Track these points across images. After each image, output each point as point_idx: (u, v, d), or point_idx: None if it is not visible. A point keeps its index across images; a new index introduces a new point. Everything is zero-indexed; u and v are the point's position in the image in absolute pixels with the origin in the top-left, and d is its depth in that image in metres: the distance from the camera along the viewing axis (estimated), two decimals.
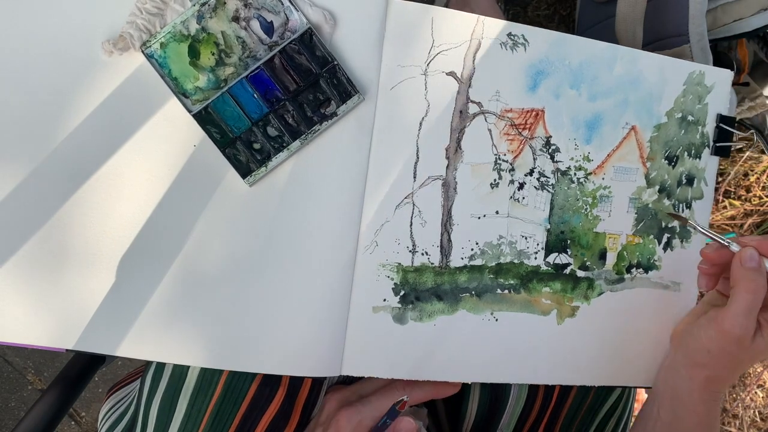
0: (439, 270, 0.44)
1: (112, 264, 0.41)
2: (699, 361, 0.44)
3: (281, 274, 0.42)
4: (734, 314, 0.41)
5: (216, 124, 0.40)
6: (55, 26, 0.39)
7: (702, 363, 0.44)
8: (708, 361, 0.43)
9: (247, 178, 0.41)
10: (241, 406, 0.44)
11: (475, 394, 0.52)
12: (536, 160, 0.46)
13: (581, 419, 0.54)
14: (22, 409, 1.09)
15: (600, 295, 0.48)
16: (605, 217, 0.47)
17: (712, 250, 0.43)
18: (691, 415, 0.45)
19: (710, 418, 0.45)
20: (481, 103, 0.44)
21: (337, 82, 0.41)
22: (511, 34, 0.44)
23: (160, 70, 0.39)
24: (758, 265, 0.41)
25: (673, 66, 0.48)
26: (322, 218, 0.42)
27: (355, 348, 0.43)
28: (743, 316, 0.40)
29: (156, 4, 0.38)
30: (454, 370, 0.45)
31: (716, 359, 0.43)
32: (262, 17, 0.40)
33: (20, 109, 0.39)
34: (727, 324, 0.41)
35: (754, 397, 1.13)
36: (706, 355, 0.43)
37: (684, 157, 0.49)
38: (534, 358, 0.47)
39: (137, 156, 0.40)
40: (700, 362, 0.44)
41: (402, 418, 0.38)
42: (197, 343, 0.42)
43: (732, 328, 0.41)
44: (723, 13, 0.61)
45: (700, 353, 0.43)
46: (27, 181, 0.40)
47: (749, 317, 0.40)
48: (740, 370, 0.44)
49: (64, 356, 1.03)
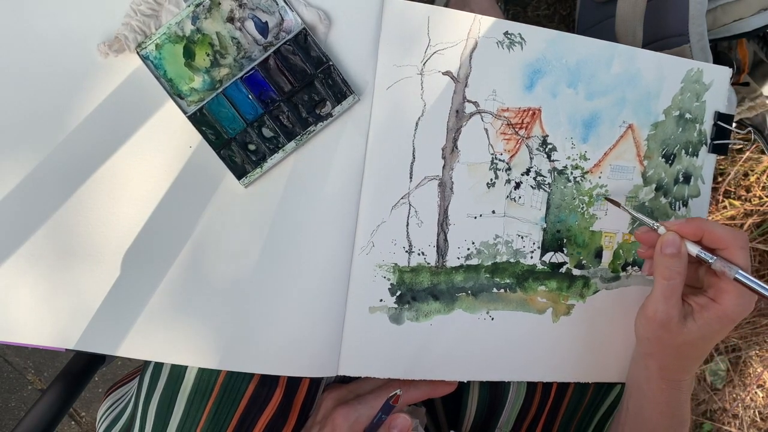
0: (435, 270, 0.44)
1: (111, 264, 0.41)
2: (645, 351, 0.45)
3: (278, 274, 0.42)
4: (654, 300, 0.41)
5: (211, 126, 0.40)
6: (51, 29, 0.39)
7: (648, 352, 0.44)
8: (651, 349, 0.44)
9: (243, 179, 0.41)
10: (239, 406, 0.44)
11: (473, 392, 0.52)
12: (533, 159, 0.46)
13: (580, 417, 0.54)
14: (22, 409, 1.10)
15: (595, 293, 0.48)
16: (601, 215, 0.47)
17: (643, 233, 0.43)
18: (652, 404, 0.45)
19: (672, 408, 0.45)
20: (478, 103, 0.44)
21: (332, 82, 0.41)
22: (507, 33, 0.44)
23: (156, 71, 0.39)
24: (677, 251, 0.40)
25: (671, 64, 0.48)
26: (318, 219, 0.42)
27: (352, 348, 0.43)
28: (662, 302, 0.41)
29: (150, 5, 0.39)
30: (451, 368, 0.46)
31: (655, 346, 0.43)
32: (256, 18, 0.40)
33: (17, 112, 0.39)
34: (650, 310, 0.42)
35: (754, 397, 1.13)
36: (647, 344, 0.44)
37: (681, 155, 0.49)
38: (530, 356, 0.47)
39: (134, 158, 0.41)
40: (647, 351, 0.44)
41: (397, 414, 0.38)
42: (195, 343, 0.42)
43: (654, 313, 0.41)
44: (723, 13, 0.61)
45: (642, 342, 0.44)
46: (26, 183, 0.40)
47: (668, 302, 0.41)
48: (685, 357, 0.43)
49: (64, 356, 1.03)
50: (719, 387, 1.14)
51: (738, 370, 1.13)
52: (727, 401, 1.14)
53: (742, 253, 0.40)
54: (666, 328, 0.41)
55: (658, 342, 0.43)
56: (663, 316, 0.41)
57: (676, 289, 0.41)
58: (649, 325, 0.42)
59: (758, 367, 1.12)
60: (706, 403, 1.15)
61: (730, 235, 0.40)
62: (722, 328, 0.41)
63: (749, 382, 1.13)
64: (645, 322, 0.43)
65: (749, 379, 1.13)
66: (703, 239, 0.41)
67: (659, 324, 0.41)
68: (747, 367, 1.13)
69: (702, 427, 1.15)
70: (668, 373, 0.44)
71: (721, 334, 0.42)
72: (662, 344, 0.43)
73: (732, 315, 0.40)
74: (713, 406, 1.15)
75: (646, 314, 0.42)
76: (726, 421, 1.14)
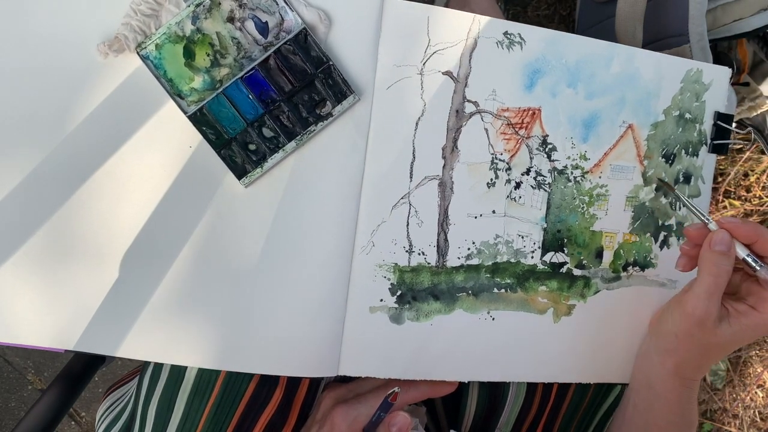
0: (435, 270, 0.44)
1: (111, 265, 0.41)
2: (668, 346, 0.44)
3: (278, 274, 0.42)
4: (696, 296, 0.41)
5: (211, 126, 0.40)
6: (51, 29, 0.39)
7: (670, 348, 0.44)
8: (675, 346, 0.43)
9: (243, 179, 0.41)
10: (239, 406, 0.44)
11: (473, 392, 0.52)
12: (533, 159, 0.46)
13: (580, 417, 0.54)
14: (22, 409, 1.10)
15: (596, 294, 0.48)
16: (602, 215, 0.47)
17: (695, 229, 0.43)
18: (663, 402, 0.45)
19: (682, 407, 0.45)
20: (478, 103, 0.44)
21: (332, 82, 0.41)
22: (507, 32, 0.44)
23: (156, 71, 0.39)
24: (727, 249, 0.40)
25: (671, 63, 0.48)
26: (319, 219, 0.42)
27: (352, 348, 0.43)
28: (704, 299, 0.40)
29: (150, 5, 0.39)
30: (451, 369, 0.45)
31: (682, 343, 0.43)
32: (257, 17, 0.40)
33: (17, 112, 0.39)
34: (689, 306, 0.41)
35: (754, 397, 1.13)
36: (673, 340, 0.43)
37: (681, 155, 0.49)
38: (530, 356, 0.47)
39: (134, 158, 0.41)
40: (669, 347, 0.44)
41: (396, 412, 0.38)
42: (195, 343, 0.42)
43: (694, 309, 0.41)
44: (723, 13, 0.61)
45: (668, 338, 0.44)
46: (26, 183, 0.40)
47: (711, 300, 0.40)
48: (708, 357, 0.43)
49: (64, 356, 1.03)
50: (719, 387, 1.14)
51: (738, 370, 1.13)
52: (727, 401, 1.14)
53: None
54: (702, 325, 0.41)
55: (688, 339, 0.42)
56: (703, 313, 0.40)
57: (720, 287, 0.40)
58: (686, 321, 0.42)
59: (758, 367, 1.12)
60: (706, 403, 1.15)
61: None
62: (755, 336, 0.41)
63: (749, 382, 1.13)
64: (681, 318, 0.42)
65: (749, 379, 1.13)
66: (755, 245, 0.41)
67: (697, 320, 0.41)
68: (747, 367, 1.13)
69: (702, 427, 1.15)
70: (684, 372, 0.44)
71: (749, 341, 0.42)
72: (691, 342, 0.42)
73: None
74: (713, 406, 1.15)
75: (685, 309, 0.41)
76: (726, 421, 1.14)
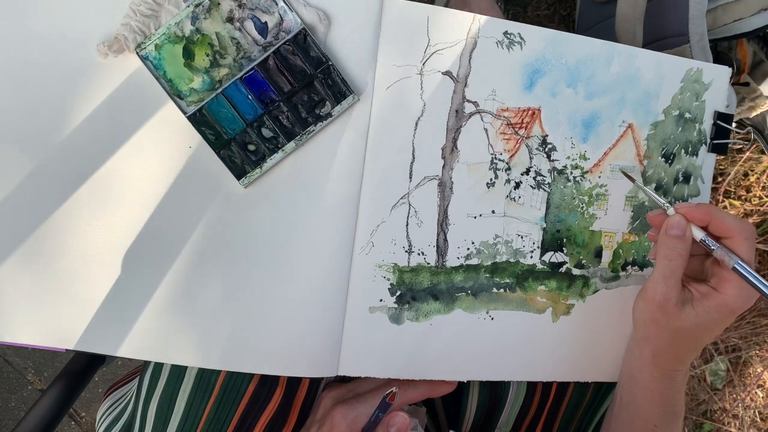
0: (435, 270, 0.44)
1: (111, 265, 0.41)
2: (641, 335, 0.44)
3: (278, 274, 0.42)
4: (653, 280, 0.41)
5: (211, 126, 0.40)
6: (51, 29, 0.39)
7: (643, 337, 0.44)
8: (646, 333, 0.44)
9: (242, 179, 0.41)
10: (239, 406, 0.44)
11: (473, 392, 0.52)
12: (532, 159, 0.46)
13: (580, 417, 0.54)
14: (22, 409, 1.10)
15: (595, 293, 0.48)
16: (601, 215, 0.47)
17: (655, 215, 0.43)
18: (644, 393, 0.45)
19: (664, 398, 0.45)
20: (477, 103, 0.44)
21: (331, 82, 0.41)
22: (507, 32, 0.44)
23: (155, 71, 0.39)
24: (682, 233, 0.40)
25: (671, 63, 0.47)
26: (318, 219, 0.42)
27: (351, 348, 0.43)
28: (661, 282, 0.41)
29: (150, 5, 0.39)
30: (450, 368, 0.46)
31: (650, 330, 0.43)
32: (256, 18, 0.40)
33: (16, 112, 0.39)
34: (649, 291, 0.42)
35: (754, 397, 1.13)
36: (643, 327, 0.44)
37: (681, 154, 0.49)
38: (530, 356, 0.47)
39: (134, 158, 0.41)
40: (642, 336, 0.44)
41: (395, 412, 0.38)
42: (195, 343, 0.42)
43: (653, 294, 0.41)
44: (723, 13, 0.61)
45: (639, 326, 0.44)
46: (26, 183, 0.40)
47: (667, 283, 0.41)
48: (679, 344, 0.43)
49: (64, 356, 1.03)
50: (719, 387, 1.14)
51: (738, 370, 1.13)
52: (727, 401, 1.14)
53: (746, 244, 0.39)
54: (663, 310, 0.41)
55: (655, 325, 0.42)
56: (661, 297, 0.41)
57: (675, 271, 0.40)
58: (647, 306, 0.42)
59: (758, 367, 1.12)
60: (706, 403, 1.15)
61: (736, 225, 0.40)
62: (721, 318, 0.41)
63: (749, 382, 1.12)
64: (643, 303, 0.43)
65: (749, 379, 1.13)
66: (710, 226, 0.41)
67: (657, 305, 0.41)
68: (747, 367, 1.13)
69: (702, 427, 1.15)
70: (661, 361, 0.44)
71: (719, 325, 0.41)
72: (658, 327, 0.42)
73: (731, 305, 0.40)
74: (713, 406, 1.15)
75: (645, 295, 0.42)
76: (726, 421, 1.14)
